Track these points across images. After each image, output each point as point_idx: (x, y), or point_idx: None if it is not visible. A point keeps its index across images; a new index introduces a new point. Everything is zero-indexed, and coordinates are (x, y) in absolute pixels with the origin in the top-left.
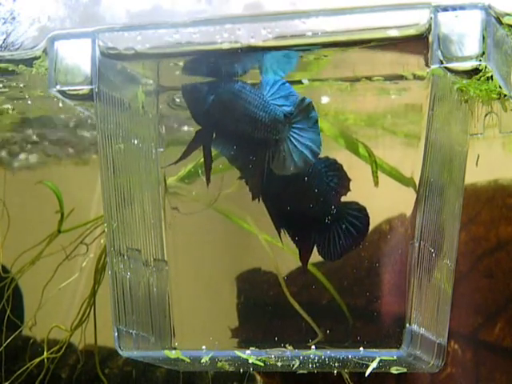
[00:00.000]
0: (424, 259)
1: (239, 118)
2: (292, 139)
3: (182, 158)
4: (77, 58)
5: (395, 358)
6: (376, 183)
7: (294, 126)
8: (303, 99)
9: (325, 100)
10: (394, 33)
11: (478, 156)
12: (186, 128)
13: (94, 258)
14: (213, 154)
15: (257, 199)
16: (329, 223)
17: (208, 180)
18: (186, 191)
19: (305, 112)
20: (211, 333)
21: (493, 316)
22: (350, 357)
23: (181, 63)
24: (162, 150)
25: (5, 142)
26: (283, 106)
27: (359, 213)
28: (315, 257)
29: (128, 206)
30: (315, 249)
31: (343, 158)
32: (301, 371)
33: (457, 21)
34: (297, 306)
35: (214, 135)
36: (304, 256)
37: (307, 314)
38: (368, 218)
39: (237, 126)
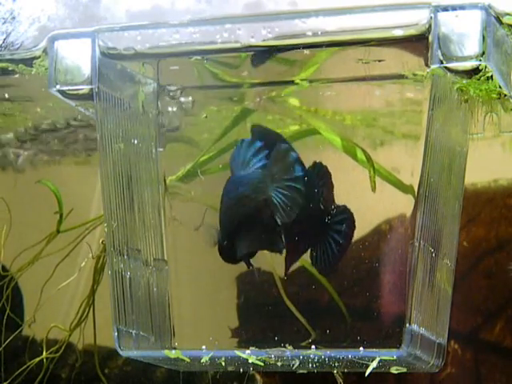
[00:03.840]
0: (424, 259)
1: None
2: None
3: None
4: (77, 57)
5: (395, 357)
6: (373, 189)
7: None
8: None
9: (324, 100)
10: (394, 32)
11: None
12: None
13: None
14: (215, 151)
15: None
16: (320, 234)
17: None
18: (185, 191)
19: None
20: (211, 333)
21: (493, 316)
22: (349, 356)
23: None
24: (161, 149)
25: (5, 142)
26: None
27: (343, 215)
28: None
29: (128, 205)
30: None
31: (342, 158)
32: (301, 371)
33: (457, 21)
34: (291, 306)
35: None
36: (289, 261)
37: (307, 314)
38: (352, 218)
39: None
